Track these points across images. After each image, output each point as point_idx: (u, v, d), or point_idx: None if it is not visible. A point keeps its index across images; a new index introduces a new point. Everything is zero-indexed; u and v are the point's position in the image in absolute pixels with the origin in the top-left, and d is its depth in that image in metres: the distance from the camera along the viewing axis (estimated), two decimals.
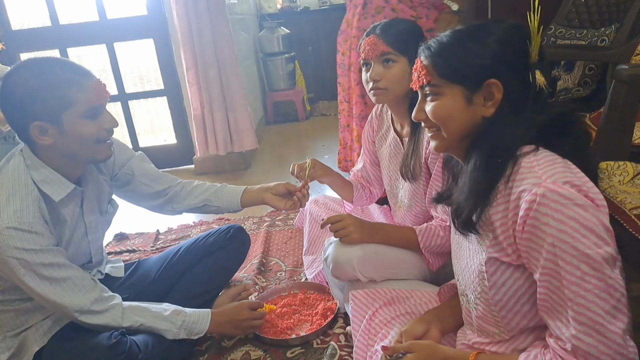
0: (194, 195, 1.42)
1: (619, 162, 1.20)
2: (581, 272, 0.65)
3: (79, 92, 1.05)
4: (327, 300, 1.46)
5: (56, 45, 2.94)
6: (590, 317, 0.65)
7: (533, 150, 0.75)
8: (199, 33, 2.68)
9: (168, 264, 1.46)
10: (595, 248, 0.65)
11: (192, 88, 2.78)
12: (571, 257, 0.65)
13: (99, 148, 1.12)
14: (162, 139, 3.51)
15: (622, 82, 1.17)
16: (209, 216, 2.38)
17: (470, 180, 0.79)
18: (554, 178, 0.68)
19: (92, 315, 1.11)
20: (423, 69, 0.83)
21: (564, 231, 0.65)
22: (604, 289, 0.65)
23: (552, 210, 0.66)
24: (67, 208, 1.16)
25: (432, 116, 0.82)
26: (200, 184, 1.46)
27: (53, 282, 1.07)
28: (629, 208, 1.02)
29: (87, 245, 1.26)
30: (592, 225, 0.65)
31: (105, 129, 1.11)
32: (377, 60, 1.22)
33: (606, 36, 1.99)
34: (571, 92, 2.05)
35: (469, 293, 0.85)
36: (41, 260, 1.05)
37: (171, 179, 1.43)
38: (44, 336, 1.15)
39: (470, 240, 0.84)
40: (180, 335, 1.20)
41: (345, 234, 1.21)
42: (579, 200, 0.66)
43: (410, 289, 1.15)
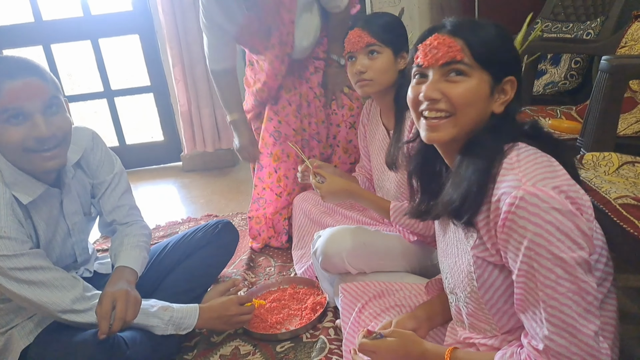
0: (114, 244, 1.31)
1: (605, 152, 1.21)
2: (555, 275, 0.66)
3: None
4: (317, 295, 1.46)
5: (40, 42, 2.89)
6: (563, 319, 0.66)
7: (515, 147, 0.75)
8: (184, 29, 2.65)
9: (156, 260, 1.44)
10: (570, 252, 0.66)
11: (178, 84, 2.75)
12: (546, 260, 0.66)
13: (32, 158, 1.01)
14: (149, 136, 3.47)
15: (606, 73, 1.18)
16: (197, 212, 2.36)
17: (463, 173, 0.77)
18: (533, 180, 0.68)
19: (75, 315, 1.09)
20: (455, 45, 0.76)
21: (540, 235, 0.66)
22: (577, 292, 0.66)
23: (530, 213, 0.66)
24: (43, 209, 1.12)
25: (457, 98, 0.76)
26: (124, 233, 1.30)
27: (31, 284, 1.04)
28: (613, 197, 1.02)
29: (71, 246, 1.24)
30: (567, 230, 0.66)
31: (34, 137, 0.99)
32: (362, 52, 1.24)
33: (592, 29, 2.00)
34: (558, 85, 2.06)
35: (459, 292, 0.85)
36: (15, 265, 1.02)
37: (123, 216, 1.32)
38: (30, 334, 1.13)
39: (457, 239, 0.83)
40: (168, 330, 1.18)
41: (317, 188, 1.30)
42: (557, 204, 0.66)
43: (399, 281, 1.16)
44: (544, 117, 1.67)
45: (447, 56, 0.76)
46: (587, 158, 1.20)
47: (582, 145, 1.29)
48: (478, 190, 0.74)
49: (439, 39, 0.77)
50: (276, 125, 1.79)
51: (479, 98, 0.76)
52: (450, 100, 0.76)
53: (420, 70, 0.80)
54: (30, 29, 2.87)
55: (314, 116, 1.80)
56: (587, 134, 1.27)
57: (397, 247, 1.23)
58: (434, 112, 0.78)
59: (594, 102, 1.22)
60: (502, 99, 0.78)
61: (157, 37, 2.86)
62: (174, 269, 1.43)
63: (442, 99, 0.77)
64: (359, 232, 1.26)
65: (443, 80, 0.77)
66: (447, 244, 0.88)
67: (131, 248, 1.26)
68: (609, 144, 1.24)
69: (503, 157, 0.74)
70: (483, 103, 0.77)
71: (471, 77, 0.76)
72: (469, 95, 0.76)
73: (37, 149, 1.01)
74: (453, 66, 0.76)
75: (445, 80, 0.77)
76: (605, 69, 1.18)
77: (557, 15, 2.17)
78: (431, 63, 0.77)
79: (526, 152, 0.74)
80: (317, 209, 1.59)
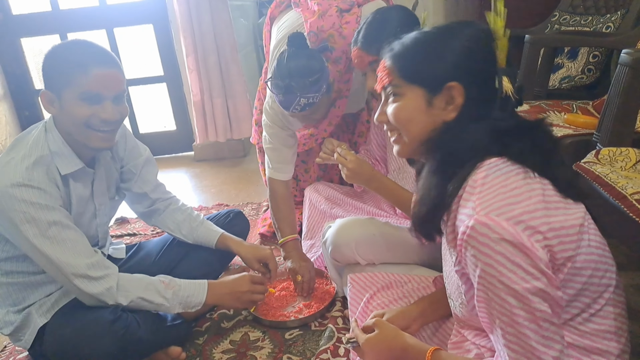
0: (171, 219, 1.44)
1: (622, 148, 1.19)
2: (509, 305, 0.66)
3: (81, 75, 1.08)
4: (326, 285, 1.47)
5: (56, 31, 2.92)
6: (522, 345, 0.67)
7: (486, 165, 0.72)
8: (198, 19, 2.65)
9: (169, 246, 1.48)
10: (523, 283, 0.65)
11: (192, 74, 2.76)
12: (498, 290, 0.66)
13: (90, 134, 1.13)
14: (161, 125, 3.50)
15: (627, 67, 1.15)
16: (209, 201, 2.38)
17: (425, 184, 0.79)
18: (487, 210, 0.67)
19: (88, 281, 1.11)
20: (385, 70, 0.81)
21: (491, 265, 0.65)
22: (533, 321, 0.66)
23: (480, 243, 0.66)
24: (78, 185, 1.19)
25: (393, 118, 0.80)
26: (182, 210, 1.47)
27: (54, 241, 1.08)
28: (630, 193, 1.01)
29: (95, 228, 1.29)
30: (519, 261, 0.64)
31: (100, 118, 1.11)
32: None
33: (611, 23, 1.96)
34: (574, 79, 2.03)
35: (454, 299, 0.86)
36: (46, 217, 1.07)
37: (163, 192, 1.45)
38: (47, 312, 1.17)
39: (449, 250, 0.82)
40: (175, 309, 1.19)
41: (343, 164, 1.20)
42: (507, 236, 0.64)
43: (408, 273, 1.16)
44: (560, 112, 1.64)
45: (382, 82, 0.82)
46: (604, 153, 1.18)
47: (598, 140, 1.27)
48: (433, 210, 0.77)
49: (381, 64, 0.83)
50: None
51: (414, 113, 0.78)
52: (390, 121, 0.81)
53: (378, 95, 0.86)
54: (48, 18, 2.90)
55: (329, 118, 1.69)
56: (604, 128, 1.24)
57: (407, 240, 1.22)
58: (389, 132, 0.85)
59: (613, 96, 1.20)
60: (450, 106, 0.76)
61: (171, 27, 2.87)
62: (186, 256, 1.46)
63: (388, 120, 0.82)
64: (370, 223, 1.26)
65: (387, 102, 0.82)
66: (445, 250, 0.88)
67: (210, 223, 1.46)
68: (626, 140, 1.21)
69: (468, 174, 0.72)
70: (422, 116, 0.78)
71: (403, 95, 0.79)
72: (402, 114, 0.79)
73: (98, 128, 1.13)
74: (388, 90, 0.81)
75: (388, 103, 0.82)
76: (625, 63, 1.15)
77: (575, 8, 2.13)
78: (379, 89, 0.84)
79: (497, 173, 0.71)
80: (328, 200, 1.59)
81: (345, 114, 1.70)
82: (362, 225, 1.24)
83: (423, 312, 0.99)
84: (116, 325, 1.10)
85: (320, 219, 1.61)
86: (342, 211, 1.52)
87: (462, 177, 0.73)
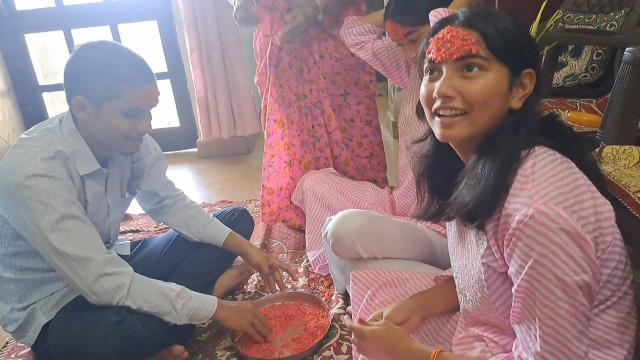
0: (179, 216, 1.44)
1: (625, 146, 1.19)
2: (555, 296, 0.66)
3: (129, 91, 1.09)
4: (321, 316, 1.35)
5: (60, 27, 2.93)
6: (558, 338, 0.66)
7: (531, 154, 0.71)
8: (202, 15, 2.65)
9: (173, 243, 1.48)
10: (573, 275, 0.65)
11: (195, 71, 2.77)
12: (547, 280, 0.66)
13: (126, 144, 1.16)
14: (165, 122, 3.51)
15: (630, 65, 1.16)
16: (212, 198, 2.39)
17: (485, 177, 0.72)
18: (545, 198, 0.66)
19: (102, 278, 1.08)
20: (469, 38, 0.71)
21: (545, 255, 0.65)
22: (574, 315, 0.66)
23: (537, 233, 0.65)
24: (93, 184, 1.19)
25: (473, 95, 0.71)
26: (191, 207, 1.46)
27: (71, 234, 1.07)
28: (633, 191, 1.01)
29: (108, 226, 1.29)
30: (573, 253, 0.65)
31: (138, 130, 1.14)
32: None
33: (615, 21, 1.96)
34: (578, 77, 2.03)
35: (468, 294, 0.84)
36: (66, 209, 1.06)
37: (172, 189, 1.45)
38: (52, 310, 1.17)
39: (469, 241, 0.82)
40: (182, 320, 1.16)
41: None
42: (566, 226, 0.64)
43: (410, 270, 1.16)
44: (563, 110, 1.65)
45: (461, 50, 0.71)
46: (607, 151, 1.19)
47: (601, 138, 1.27)
48: (493, 195, 0.70)
49: (452, 31, 0.72)
50: (278, 89, 1.78)
51: (496, 94, 0.72)
52: (465, 98, 0.72)
53: (432, 65, 0.76)
54: (52, 14, 2.91)
55: (315, 83, 1.77)
56: (607, 126, 1.25)
57: (408, 232, 1.24)
58: (449, 110, 0.74)
59: (616, 94, 1.20)
60: (520, 93, 0.74)
61: (175, 24, 2.88)
62: (191, 252, 1.46)
63: (457, 96, 0.72)
64: (369, 214, 1.26)
65: (458, 76, 0.73)
66: (458, 244, 0.87)
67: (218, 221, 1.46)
68: (630, 138, 1.22)
69: (519, 164, 0.71)
70: (501, 99, 0.73)
71: (488, 71, 0.71)
72: (486, 91, 0.71)
73: (136, 138, 1.17)
74: (468, 60, 0.72)
75: (460, 76, 0.73)
76: (629, 61, 1.16)
77: (579, 6, 2.12)
78: (444, 58, 0.73)
79: (543, 162, 0.71)
80: (330, 193, 1.58)
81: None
82: (362, 215, 1.24)
83: (422, 304, 0.99)
84: (121, 326, 1.09)
85: (322, 213, 1.59)
86: (345, 204, 1.52)
87: (515, 166, 0.71)
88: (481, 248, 0.77)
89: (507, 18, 0.74)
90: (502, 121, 0.74)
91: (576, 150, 0.74)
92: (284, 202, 1.90)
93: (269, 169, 1.89)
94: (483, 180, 0.71)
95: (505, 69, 0.72)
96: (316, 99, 1.79)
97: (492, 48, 0.72)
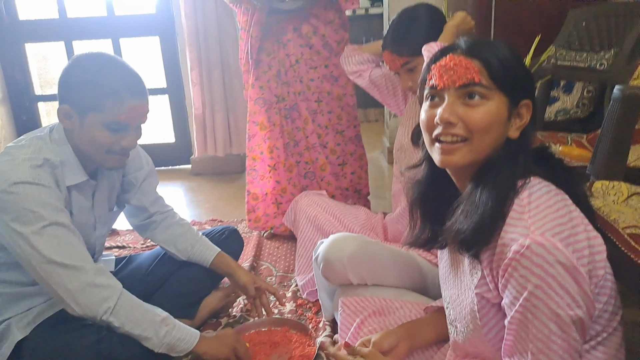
0: (167, 233, 1.41)
1: (614, 182, 1.21)
2: (549, 330, 0.65)
3: (113, 104, 1.06)
4: (308, 345, 1.31)
5: (62, 38, 2.94)
6: None
7: (527, 184, 0.72)
8: (205, 33, 2.69)
9: (160, 260, 1.45)
10: (567, 309, 0.65)
11: (195, 88, 2.79)
12: (542, 313, 0.65)
13: (108, 157, 1.13)
14: (160, 137, 3.51)
15: (619, 102, 1.18)
16: (202, 216, 2.37)
17: (482, 205, 0.72)
18: (542, 230, 0.66)
19: (90, 288, 1.05)
20: (472, 66, 0.73)
21: (540, 287, 0.65)
22: (567, 350, 0.66)
23: (533, 264, 0.65)
24: (79, 196, 1.17)
25: (475, 123, 0.72)
26: (180, 225, 1.43)
27: (61, 242, 1.04)
28: (622, 227, 1.02)
29: (94, 240, 1.26)
30: (568, 286, 0.64)
31: (122, 145, 1.11)
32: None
33: (605, 60, 2.02)
34: (569, 112, 2.07)
35: (459, 326, 0.83)
36: (56, 218, 1.04)
37: (161, 205, 1.42)
38: (27, 327, 1.12)
39: (462, 271, 0.81)
40: (159, 348, 1.10)
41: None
42: (562, 258, 0.64)
43: (400, 299, 1.15)
44: (555, 144, 1.68)
45: (464, 78, 0.73)
46: (597, 186, 1.20)
47: (591, 173, 1.29)
48: (491, 223, 0.70)
49: (455, 59, 0.74)
50: (258, 91, 1.81)
51: (497, 123, 0.73)
52: (467, 125, 0.73)
53: (434, 92, 0.77)
54: (54, 25, 2.93)
55: (292, 86, 1.81)
56: (597, 161, 1.27)
57: (399, 259, 1.23)
58: (450, 136, 0.74)
59: (606, 130, 1.23)
60: (518, 123, 0.75)
61: (177, 40, 2.91)
62: (177, 271, 1.43)
63: (458, 123, 0.73)
64: (362, 238, 1.26)
65: (460, 103, 0.74)
66: (451, 273, 0.86)
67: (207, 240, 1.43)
68: (619, 173, 1.24)
69: (516, 194, 0.72)
70: (501, 128, 0.74)
71: (490, 99, 0.73)
72: (488, 119, 0.72)
73: (118, 153, 1.13)
74: (471, 88, 0.73)
75: (462, 104, 0.74)
76: (617, 98, 1.19)
77: (571, 44, 2.19)
78: (447, 84, 0.74)
79: (539, 192, 0.71)
80: (323, 215, 1.57)
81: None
82: (354, 240, 1.23)
83: (410, 333, 0.97)
84: (100, 346, 1.05)
85: (313, 236, 1.57)
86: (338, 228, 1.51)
87: (512, 196, 0.71)
88: (475, 278, 0.76)
89: (506, 48, 0.76)
90: (500, 150, 0.76)
91: (569, 182, 0.75)
92: (270, 208, 1.90)
93: (253, 173, 1.90)
94: (481, 208, 0.72)
95: (505, 99, 0.74)
96: (293, 102, 1.82)
97: (494, 77, 0.73)
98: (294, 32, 1.78)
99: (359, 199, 2.00)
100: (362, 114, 4.47)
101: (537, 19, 2.22)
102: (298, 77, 1.80)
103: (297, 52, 1.79)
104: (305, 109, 1.82)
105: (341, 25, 1.83)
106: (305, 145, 1.86)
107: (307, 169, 1.89)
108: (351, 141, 1.92)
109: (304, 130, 1.85)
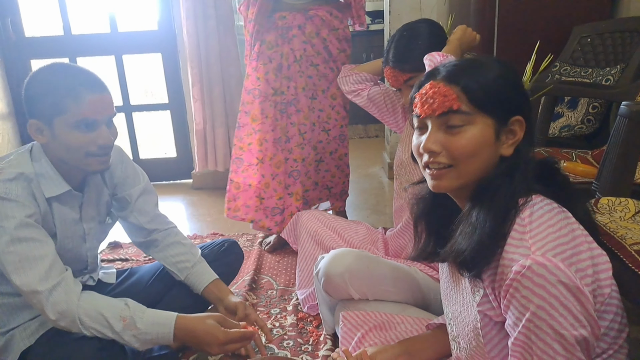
0: (167, 252, 1.38)
1: (621, 198, 1.18)
2: (553, 350, 0.64)
3: (73, 102, 1.05)
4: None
5: (66, 54, 2.98)
6: None
7: (529, 203, 0.71)
8: (206, 50, 2.71)
9: (161, 273, 1.44)
10: (571, 329, 0.63)
11: (196, 103, 2.80)
12: (545, 334, 0.64)
13: (89, 160, 1.11)
14: (162, 152, 3.52)
15: (626, 118, 1.17)
16: (203, 230, 2.35)
17: (480, 226, 0.71)
18: (544, 250, 0.65)
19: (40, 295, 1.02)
20: (450, 94, 0.73)
21: (543, 308, 0.64)
22: None
23: (535, 284, 0.64)
24: (64, 208, 1.15)
25: (457, 151, 0.72)
26: (180, 244, 1.39)
27: (22, 259, 1.02)
28: (629, 244, 0.99)
29: (85, 252, 1.25)
30: (571, 306, 0.63)
31: (98, 144, 1.09)
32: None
33: (611, 76, 2.00)
34: (574, 129, 2.05)
35: (462, 342, 0.82)
36: (17, 233, 1.02)
37: (161, 223, 1.39)
38: (32, 336, 1.13)
39: (464, 288, 0.80)
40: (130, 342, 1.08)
41: None
42: (564, 278, 0.63)
43: (401, 314, 1.14)
44: (559, 160, 1.65)
45: (442, 106, 0.72)
46: (603, 202, 1.18)
47: (597, 189, 1.27)
48: (490, 244, 0.70)
49: (434, 87, 0.74)
50: (254, 82, 1.80)
51: (482, 146, 0.73)
52: (451, 153, 0.73)
53: (419, 121, 0.78)
54: (59, 42, 2.97)
55: (294, 80, 1.80)
56: (603, 178, 1.24)
57: (400, 274, 1.21)
58: (436, 164, 0.75)
59: (612, 147, 1.21)
60: (510, 140, 0.75)
61: (179, 57, 2.93)
62: (178, 284, 1.41)
63: (442, 151, 0.74)
64: (362, 253, 1.24)
65: (442, 131, 0.74)
66: (452, 289, 0.85)
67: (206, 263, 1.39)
68: (625, 190, 1.21)
69: (517, 213, 0.70)
70: (488, 149, 0.73)
71: (472, 124, 0.72)
72: (471, 146, 0.72)
73: (97, 154, 1.11)
74: (450, 116, 0.73)
75: (444, 132, 0.74)
76: (624, 114, 1.17)
77: (576, 60, 2.18)
78: (428, 113, 0.74)
79: (540, 211, 0.70)
80: (323, 230, 1.55)
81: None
82: (355, 255, 1.22)
83: (407, 350, 0.96)
84: (103, 354, 1.05)
85: (314, 251, 1.55)
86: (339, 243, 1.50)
87: (512, 215, 0.70)
88: (477, 296, 0.75)
89: (492, 68, 0.75)
90: (494, 169, 0.75)
91: (571, 198, 0.74)
92: (252, 200, 1.87)
93: (238, 162, 1.88)
94: (479, 228, 0.71)
95: (490, 120, 0.73)
96: (293, 97, 1.82)
97: (474, 101, 0.73)
98: (298, 29, 1.80)
99: (328, 196, 2.02)
100: (362, 130, 4.48)
101: (541, 33, 2.22)
102: (301, 71, 1.81)
103: (300, 48, 1.80)
104: (305, 104, 1.84)
105: (344, 37, 1.86)
106: (297, 141, 1.85)
107: (293, 167, 1.87)
108: (334, 140, 1.94)
109: (299, 127, 1.84)
